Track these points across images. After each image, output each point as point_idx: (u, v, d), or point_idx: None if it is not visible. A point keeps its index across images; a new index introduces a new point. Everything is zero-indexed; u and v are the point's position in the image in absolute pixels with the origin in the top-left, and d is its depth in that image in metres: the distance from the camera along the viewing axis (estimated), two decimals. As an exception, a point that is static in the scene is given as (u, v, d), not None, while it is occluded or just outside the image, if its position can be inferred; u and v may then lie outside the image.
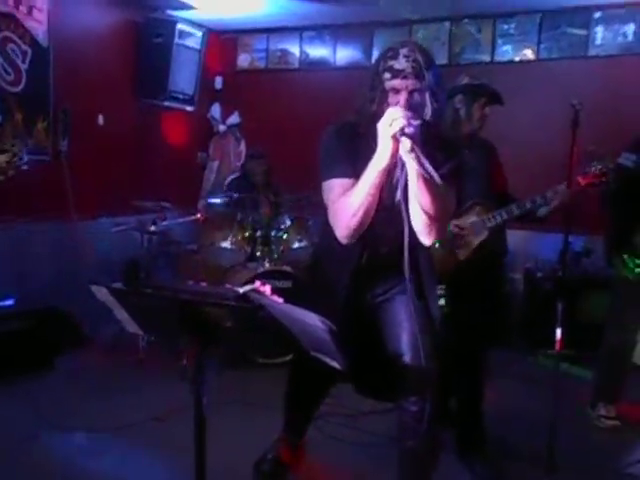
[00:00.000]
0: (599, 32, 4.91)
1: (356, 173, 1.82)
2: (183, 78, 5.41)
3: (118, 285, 1.54)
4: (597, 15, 4.92)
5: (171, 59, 5.21)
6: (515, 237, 3.09)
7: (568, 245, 2.88)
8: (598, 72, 4.90)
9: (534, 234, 4.60)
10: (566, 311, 2.77)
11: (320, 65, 5.97)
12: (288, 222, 4.55)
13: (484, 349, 2.83)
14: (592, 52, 4.98)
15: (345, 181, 1.85)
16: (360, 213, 1.80)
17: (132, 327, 1.62)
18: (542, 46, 5.12)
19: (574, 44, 5.02)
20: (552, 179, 2.91)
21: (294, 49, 6.03)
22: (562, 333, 2.76)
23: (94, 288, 1.55)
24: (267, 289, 1.45)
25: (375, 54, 5.67)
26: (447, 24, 5.39)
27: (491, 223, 2.77)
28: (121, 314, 1.58)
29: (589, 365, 3.74)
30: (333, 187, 1.87)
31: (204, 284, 1.59)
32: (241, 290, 1.43)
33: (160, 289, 1.50)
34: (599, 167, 2.85)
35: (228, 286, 1.56)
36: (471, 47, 5.36)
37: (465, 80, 2.81)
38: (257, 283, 1.52)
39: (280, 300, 1.41)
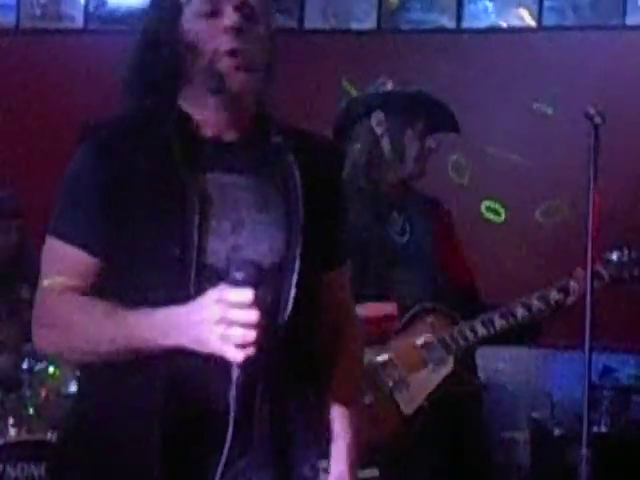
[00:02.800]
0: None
1: (127, 227, 1.91)
2: None
3: None
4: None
5: None
6: (509, 359, 3.41)
7: (604, 373, 3.05)
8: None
9: (543, 351, 4.82)
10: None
11: (129, 22, 5.54)
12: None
13: None
14: (632, 20, 5.06)
15: (82, 259, 1.93)
16: (67, 353, 1.98)
17: None
18: (547, 4, 5.18)
19: (602, 4, 5.12)
20: (559, 262, 3.24)
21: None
22: None
23: None
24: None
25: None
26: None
27: (459, 344, 2.94)
28: None
29: None
30: (58, 259, 1.97)
31: None
32: None
33: None
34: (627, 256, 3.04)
35: None
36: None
37: (388, 85, 2.96)
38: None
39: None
